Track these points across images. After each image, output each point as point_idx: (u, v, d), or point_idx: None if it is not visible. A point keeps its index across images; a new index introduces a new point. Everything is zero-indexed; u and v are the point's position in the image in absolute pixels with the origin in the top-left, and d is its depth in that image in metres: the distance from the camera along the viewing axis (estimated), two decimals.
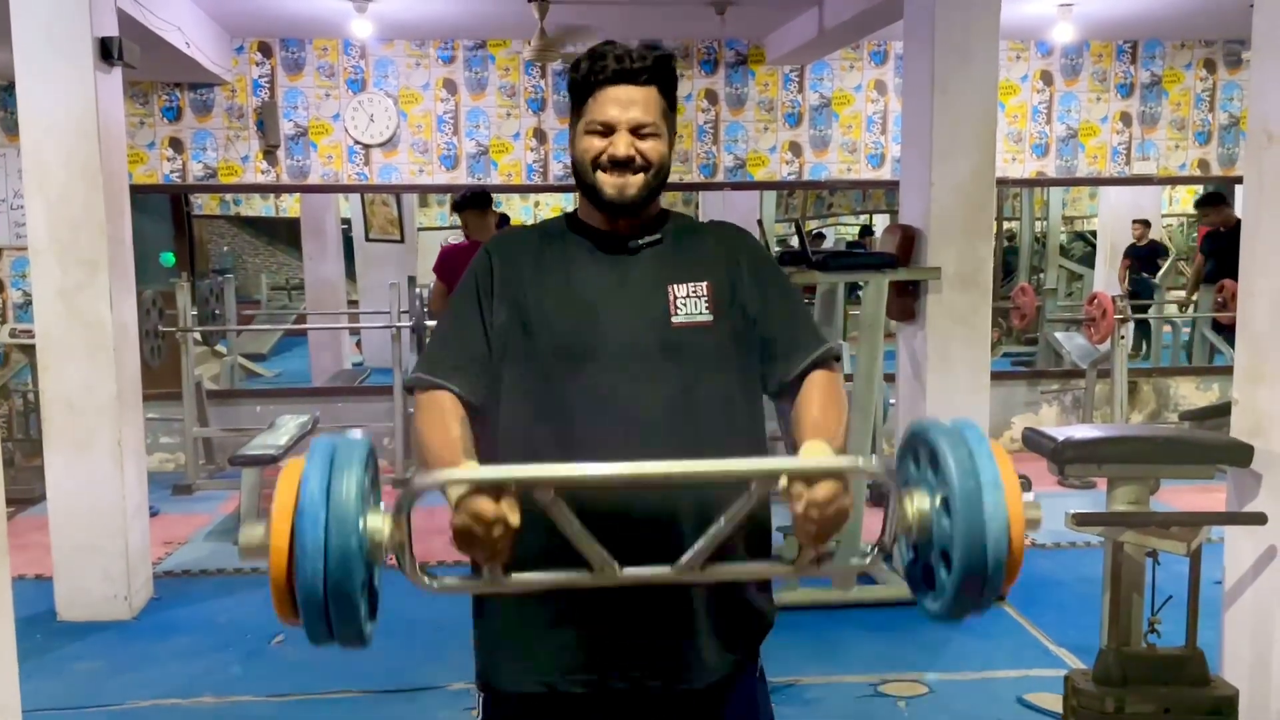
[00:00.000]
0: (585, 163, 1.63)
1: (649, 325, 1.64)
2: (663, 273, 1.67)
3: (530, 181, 6.59)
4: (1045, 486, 6.02)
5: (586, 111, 1.62)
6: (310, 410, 6.33)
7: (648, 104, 1.61)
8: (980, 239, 4.35)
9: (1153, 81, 6.84)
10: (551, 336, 1.64)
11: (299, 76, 6.39)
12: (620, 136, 1.60)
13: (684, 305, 1.64)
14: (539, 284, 1.67)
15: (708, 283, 1.67)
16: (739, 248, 1.73)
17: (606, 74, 1.59)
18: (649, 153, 1.62)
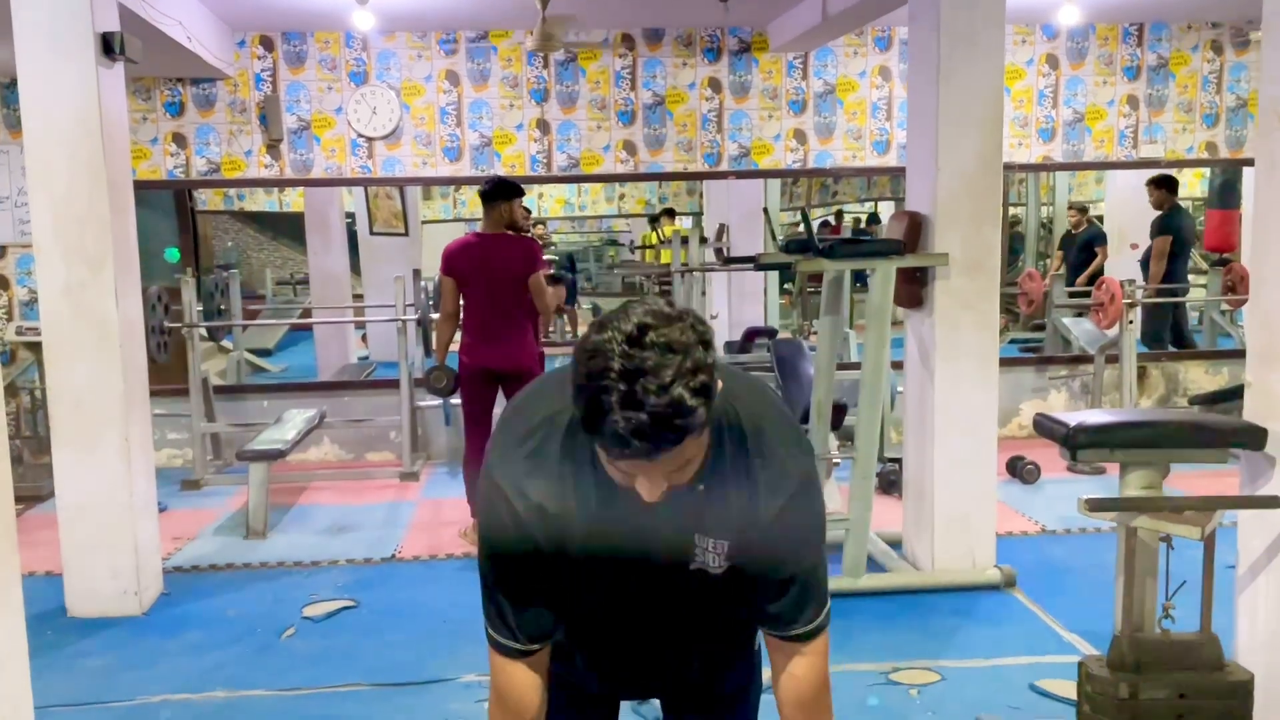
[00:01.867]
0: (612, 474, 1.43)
1: (671, 568, 1.59)
2: (692, 519, 1.54)
3: (534, 173, 6.57)
4: (1054, 473, 6.02)
5: (607, 456, 1.38)
6: (317, 404, 6.34)
7: (682, 454, 1.33)
8: (988, 224, 4.32)
9: (1159, 64, 6.80)
10: (576, 584, 1.61)
11: (301, 70, 6.37)
12: (647, 484, 1.39)
13: (703, 554, 1.58)
14: (565, 535, 1.55)
15: (728, 541, 1.56)
16: (772, 501, 1.53)
17: (621, 453, 1.31)
18: (682, 480, 1.42)
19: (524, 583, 1.59)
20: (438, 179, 6.64)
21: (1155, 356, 7.26)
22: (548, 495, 1.52)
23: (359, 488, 6.09)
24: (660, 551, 1.58)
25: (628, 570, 1.60)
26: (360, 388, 6.98)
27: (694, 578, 1.60)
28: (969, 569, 4.42)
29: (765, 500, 1.53)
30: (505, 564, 1.60)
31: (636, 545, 1.56)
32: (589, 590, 1.63)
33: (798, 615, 1.61)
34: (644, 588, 1.62)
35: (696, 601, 1.64)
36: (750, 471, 1.51)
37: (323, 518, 5.53)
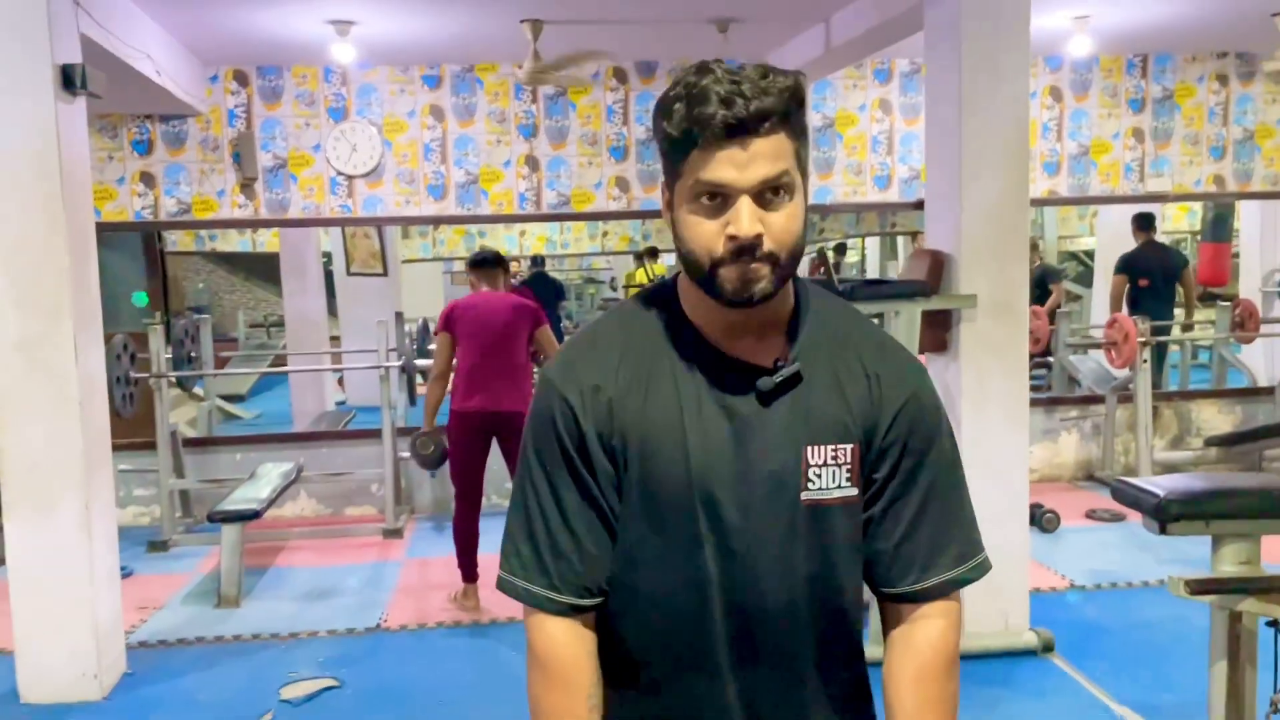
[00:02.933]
0: (694, 245, 1.22)
1: (774, 501, 1.27)
2: (796, 424, 1.27)
3: (522, 211, 6.28)
4: (1073, 520, 5.75)
5: (688, 168, 1.19)
6: (293, 456, 5.99)
7: (777, 153, 1.17)
8: (1015, 263, 4.06)
9: (1165, 96, 6.62)
10: (657, 504, 1.29)
11: (277, 105, 6.06)
12: (743, 207, 1.18)
13: (819, 475, 1.27)
14: (641, 430, 1.28)
15: (853, 445, 1.28)
16: (889, 392, 1.29)
17: (714, 130, 1.15)
18: (782, 228, 1.20)
19: (566, 495, 1.29)
20: (422, 218, 6.34)
21: (1167, 396, 7.03)
22: (605, 374, 1.28)
23: (339, 547, 5.72)
24: (760, 465, 1.26)
25: (711, 498, 1.26)
26: (339, 438, 6.62)
27: (815, 516, 1.27)
28: (1002, 632, 4.12)
29: (889, 389, 1.29)
30: (543, 468, 1.30)
31: (727, 455, 1.26)
32: (656, 528, 1.28)
33: (937, 555, 1.30)
34: (735, 526, 1.26)
35: (810, 559, 1.27)
36: (861, 357, 1.30)
37: (301, 581, 5.16)
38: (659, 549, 1.28)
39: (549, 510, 1.29)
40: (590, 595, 1.30)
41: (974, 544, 1.33)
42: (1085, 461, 6.78)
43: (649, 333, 1.30)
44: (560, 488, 1.29)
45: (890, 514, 1.30)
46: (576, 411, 1.28)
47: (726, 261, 1.19)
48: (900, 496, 1.30)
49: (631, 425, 1.27)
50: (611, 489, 1.29)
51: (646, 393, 1.27)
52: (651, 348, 1.29)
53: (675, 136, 1.18)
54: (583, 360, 1.31)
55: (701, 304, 1.27)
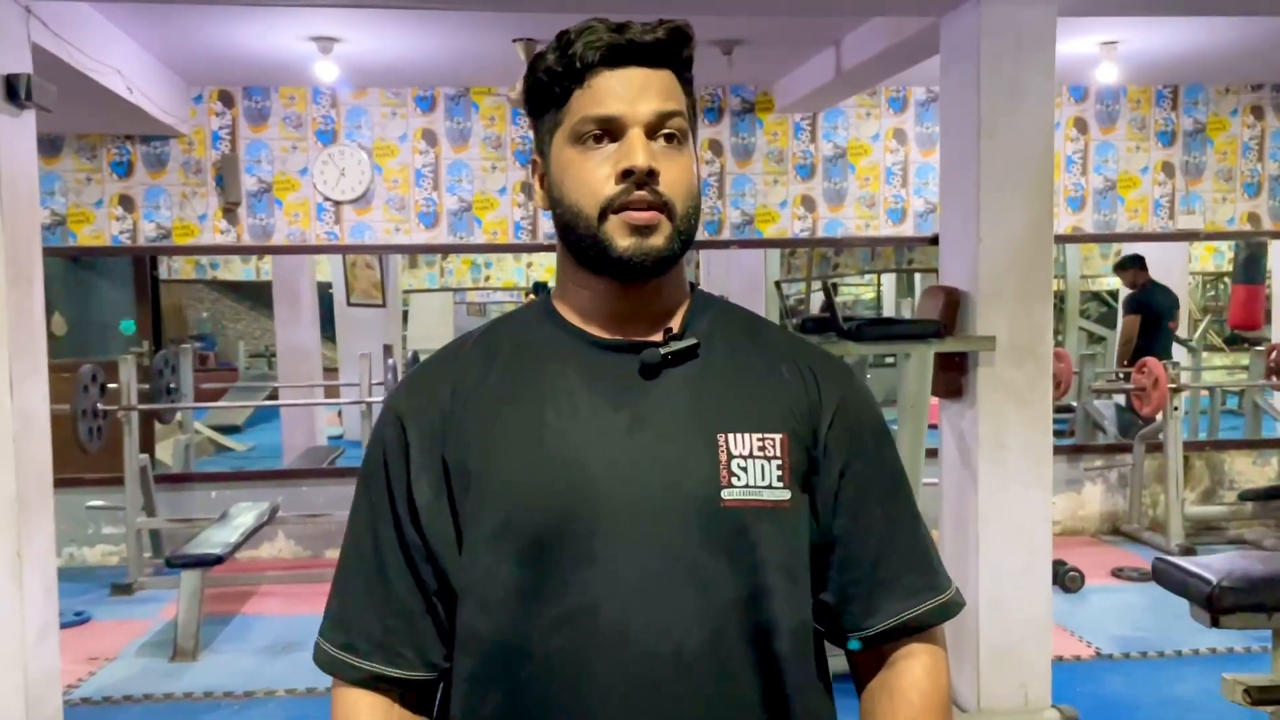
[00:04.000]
0: (578, 194, 1.01)
1: (685, 502, 0.98)
2: (706, 407, 1.01)
3: (518, 240, 5.98)
4: (1097, 579, 5.36)
5: (568, 112, 1.02)
6: (272, 495, 5.67)
7: (669, 89, 1.03)
8: (1038, 303, 3.72)
9: (1196, 129, 6.28)
10: (511, 524, 0.99)
11: (263, 128, 5.81)
12: (635, 138, 0.99)
13: (744, 469, 0.99)
14: (489, 436, 1.01)
15: (783, 435, 1.01)
16: (832, 387, 1.07)
17: (598, 50, 1.00)
18: (676, 177, 1.01)
19: (384, 534, 1.03)
20: (412, 246, 6.06)
21: (1199, 445, 6.64)
22: (446, 381, 1.06)
23: (313, 593, 5.37)
24: (660, 458, 0.98)
25: (590, 505, 0.97)
26: (321, 476, 6.31)
27: (741, 522, 0.98)
28: (1020, 708, 3.74)
29: (826, 380, 1.07)
30: (364, 501, 1.07)
31: (611, 449, 0.99)
32: (517, 556, 0.98)
33: (895, 578, 1.05)
34: (627, 541, 0.96)
35: (736, 581, 0.98)
36: (780, 348, 1.09)
37: (267, 632, 4.82)
38: (521, 583, 0.97)
39: (364, 553, 1.04)
40: (407, 665, 1.01)
41: (944, 572, 1.08)
42: (1110, 514, 6.38)
43: (513, 335, 1.09)
44: (379, 525, 1.03)
45: (850, 535, 1.03)
46: (406, 428, 1.02)
47: (617, 206, 0.99)
48: (857, 512, 1.03)
49: (476, 431, 1.00)
50: (445, 522, 1.01)
51: (499, 393, 1.04)
52: (512, 349, 1.07)
53: (556, 71, 1.01)
54: (425, 372, 1.10)
55: (581, 294, 1.06)
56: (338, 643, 1.04)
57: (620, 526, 0.97)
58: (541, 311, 1.09)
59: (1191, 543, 5.74)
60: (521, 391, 1.03)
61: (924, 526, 1.10)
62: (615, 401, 1.01)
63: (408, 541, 1.03)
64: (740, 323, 1.11)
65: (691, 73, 1.06)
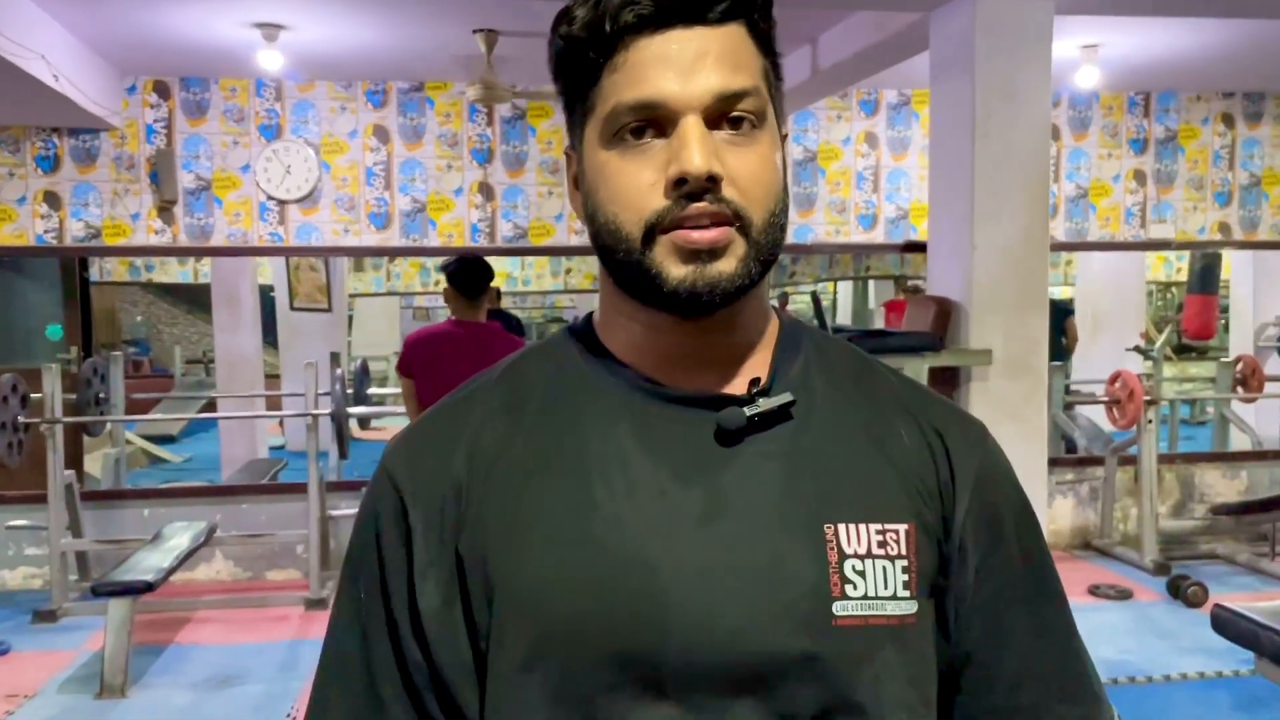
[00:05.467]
0: (616, 207, 0.74)
1: (783, 621, 0.72)
2: (806, 487, 0.75)
3: (475, 243, 5.69)
4: (1076, 597, 5.19)
5: (600, 96, 0.74)
6: (209, 513, 5.31)
7: (737, 55, 0.74)
8: (1034, 314, 3.54)
9: (1168, 137, 6.19)
10: (549, 647, 0.72)
11: (202, 121, 5.45)
12: (690, 131, 0.71)
13: (861, 574, 0.73)
14: (518, 524, 0.75)
15: (909, 525, 0.76)
16: (967, 456, 0.81)
17: (639, 15, 0.72)
18: (752, 175, 0.73)
19: (376, 643, 0.78)
20: (362, 249, 5.74)
21: (1169, 459, 6.54)
22: (460, 446, 0.79)
23: (254, 619, 5.03)
24: (746, 559, 0.73)
25: (653, 624, 0.71)
26: (262, 492, 5.94)
27: (854, 643, 0.73)
28: None
29: (959, 447, 0.81)
30: (353, 594, 0.80)
31: (679, 546, 0.73)
32: (555, 692, 0.72)
33: (1068, 714, 0.81)
34: (701, 674, 0.71)
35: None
36: (902, 402, 0.83)
37: (203, 663, 4.46)
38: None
39: (351, 666, 0.79)
40: None
41: (1104, 697, 0.85)
42: (1082, 528, 6.25)
43: (546, 381, 0.81)
44: (371, 633, 0.77)
45: (985, 650, 0.79)
46: (408, 506, 0.78)
47: (668, 225, 0.73)
48: (996, 621, 0.80)
49: (501, 516, 0.74)
50: (458, 638, 0.75)
51: (530, 462, 0.77)
52: (545, 399, 0.80)
53: (580, 39, 0.74)
54: (431, 429, 0.82)
55: (630, 328, 0.80)
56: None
57: (696, 655, 0.71)
58: (581, 347, 0.82)
59: (1166, 559, 5.62)
60: (560, 461, 0.76)
61: (1078, 638, 0.85)
62: (684, 477, 0.74)
63: (408, 659, 0.76)
64: (844, 364, 0.85)
65: (771, 20, 0.78)
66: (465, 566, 0.75)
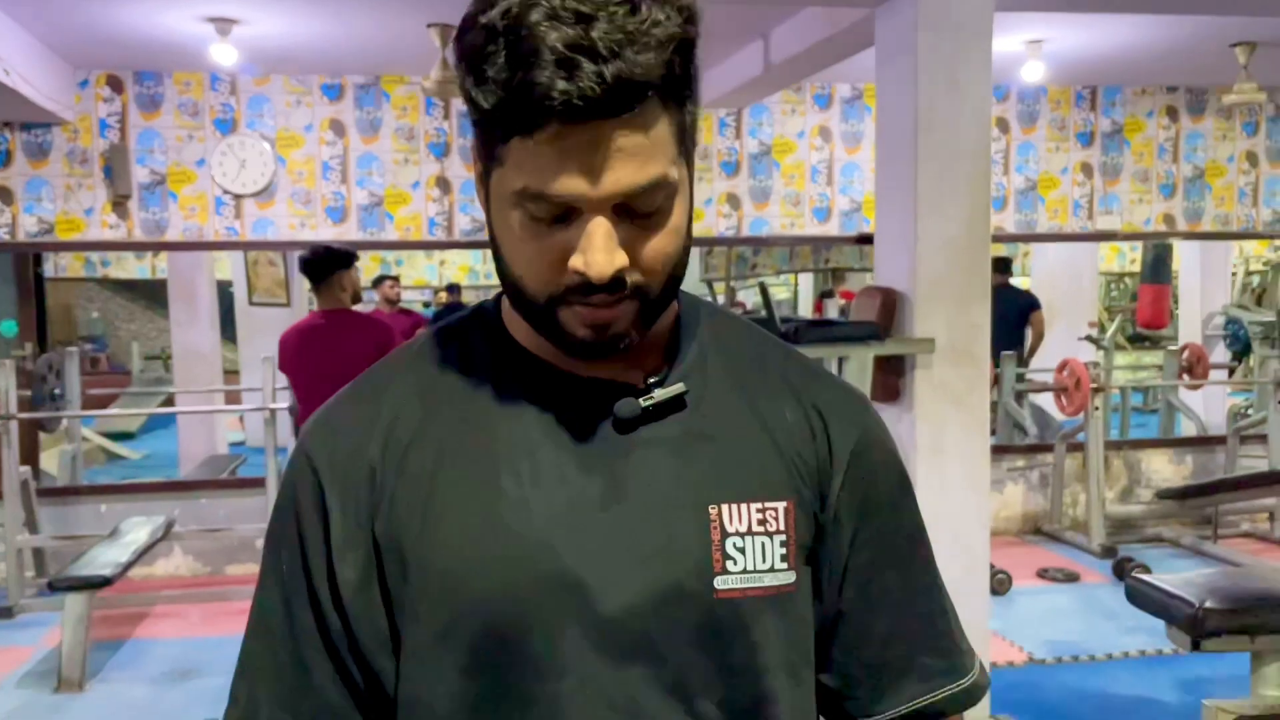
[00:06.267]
0: (521, 272, 0.78)
1: (671, 596, 0.78)
2: (696, 471, 0.82)
3: (432, 237, 5.72)
4: (1024, 580, 5.33)
5: (509, 159, 0.73)
6: (167, 509, 5.31)
7: (651, 147, 0.73)
8: (976, 303, 3.63)
9: (1114, 130, 6.33)
10: (461, 622, 0.79)
11: (156, 115, 5.43)
12: (596, 235, 0.73)
13: (742, 551, 0.80)
14: (431, 509, 0.80)
15: (787, 502, 0.82)
16: (845, 432, 0.87)
17: (547, 112, 0.69)
18: (656, 253, 0.76)
19: (300, 614, 0.82)
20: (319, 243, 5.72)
21: (1116, 445, 6.70)
22: (374, 426, 0.83)
23: (214, 612, 5.04)
24: (642, 539, 0.79)
25: (558, 599, 0.78)
26: (220, 487, 5.94)
27: (738, 614, 0.80)
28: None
29: (838, 423, 0.86)
30: (275, 570, 0.84)
31: (583, 528, 0.79)
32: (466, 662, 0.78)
33: (935, 661, 0.88)
34: (603, 645, 0.77)
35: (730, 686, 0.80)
36: (788, 379, 0.87)
37: (163, 657, 4.48)
38: (473, 699, 0.78)
39: (276, 634, 0.83)
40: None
41: (969, 649, 0.92)
42: (1033, 514, 6.40)
43: (454, 362, 0.85)
44: (294, 603, 0.82)
45: (859, 609, 0.86)
46: (325, 488, 0.82)
47: (571, 301, 0.76)
48: (869, 582, 0.87)
49: (415, 501, 0.80)
50: (376, 614, 0.80)
51: (442, 448, 0.81)
52: (455, 385, 0.84)
53: (485, 109, 0.72)
54: (346, 412, 0.86)
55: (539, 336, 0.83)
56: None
57: (595, 627, 0.77)
58: (489, 329, 0.86)
59: (1113, 542, 5.77)
60: (470, 448, 0.81)
61: (946, 596, 0.92)
62: (585, 464, 0.80)
63: (329, 627, 0.82)
64: (739, 344, 0.89)
65: (695, 70, 0.75)
66: (381, 548, 0.80)
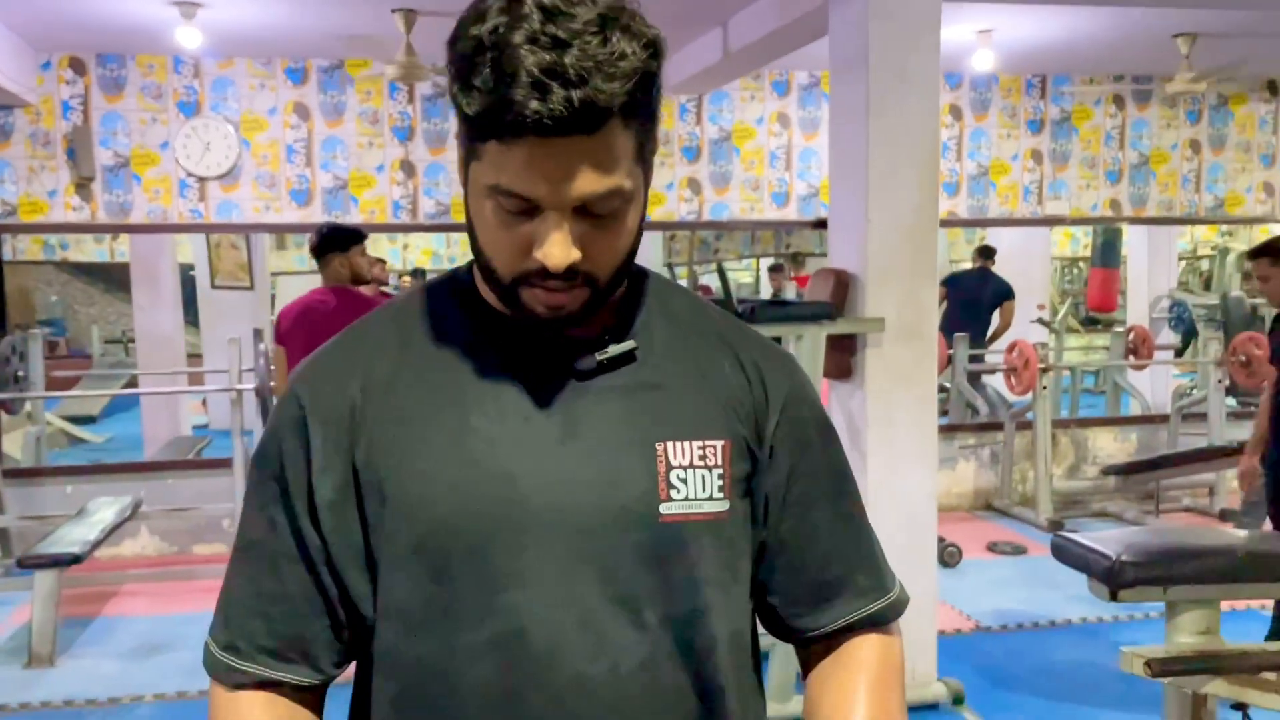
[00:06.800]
0: (490, 252, 0.91)
1: (620, 519, 0.91)
2: (643, 414, 0.94)
3: (397, 220, 5.78)
4: (974, 554, 5.51)
5: (486, 155, 0.86)
6: (133, 489, 5.35)
7: (609, 159, 0.85)
8: (925, 284, 3.77)
9: (1063, 118, 6.51)
10: (432, 539, 0.91)
11: (119, 98, 5.45)
12: (553, 231, 0.86)
13: (683, 481, 0.92)
14: (407, 441, 0.93)
15: (725, 441, 0.95)
16: (778, 381, 1.00)
17: (519, 124, 0.81)
18: (606, 248, 0.89)
19: (279, 525, 0.94)
20: (283, 226, 5.80)
21: (1064, 423, 6.91)
22: (354, 366, 0.96)
23: (181, 590, 5.10)
24: (593, 471, 0.91)
25: (519, 519, 0.90)
26: (186, 468, 5.99)
27: (680, 537, 0.92)
28: (907, 683, 3.79)
29: (772, 375, 1.00)
30: (256, 491, 0.96)
31: (540, 460, 0.91)
32: (435, 574, 0.90)
33: (845, 577, 1.02)
34: (558, 560, 0.90)
35: (671, 600, 0.92)
36: (727, 339, 1.01)
37: (132, 633, 4.54)
38: (443, 604, 0.90)
39: (255, 545, 0.95)
40: (294, 670, 0.93)
41: (890, 570, 1.06)
42: (984, 490, 6.59)
43: (429, 317, 0.98)
44: (274, 516, 0.93)
45: (797, 537, 0.98)
46: (308, 418, 0.94)
47: (533, 283, 0.89)
48: (805, 513, 0.99)
49: (390, 435, 0.92)
50: (350, 530, 0.92)
51: (416, 390, 0.94)
52: (429, 336, 0.97)
53: (467, 114, 0.84)
54: (331, 357, 0.99)
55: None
56: (221, 643, 0.95)
57: (551, 545, 0.90)
58: (461, 293, 0.99)
59: (1060, 516, 5.97)
60: (442, 390, 0.94)
61: (869, 525, 1.06)
62: (545, 406, 0.93)
63: (305, 539, 0.94)
64: (681, 309, 1.02)
65: (656, 91, 0.88)
66: (360, 475, 0.92)
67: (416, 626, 0.91)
